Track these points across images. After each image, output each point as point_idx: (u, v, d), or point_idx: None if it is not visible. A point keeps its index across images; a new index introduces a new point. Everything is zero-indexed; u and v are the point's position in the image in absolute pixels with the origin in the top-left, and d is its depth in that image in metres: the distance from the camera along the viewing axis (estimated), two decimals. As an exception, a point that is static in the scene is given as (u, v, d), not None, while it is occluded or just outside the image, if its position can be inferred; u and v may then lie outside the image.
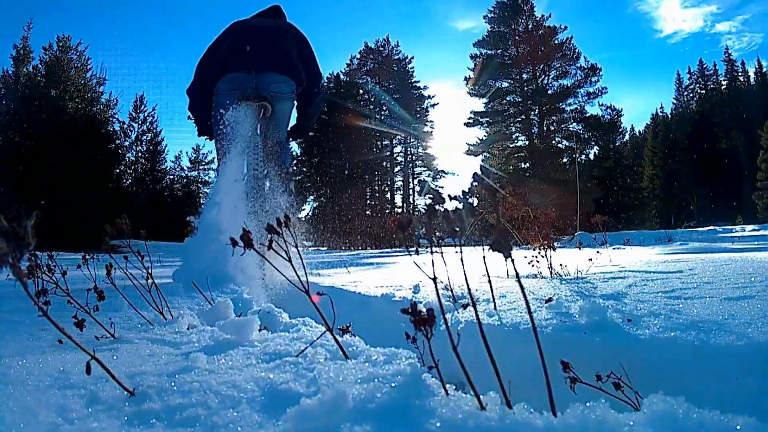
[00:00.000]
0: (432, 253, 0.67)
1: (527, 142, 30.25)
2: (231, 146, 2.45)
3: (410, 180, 36.04)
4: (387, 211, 35.04)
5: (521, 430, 0.53)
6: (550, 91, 29.87)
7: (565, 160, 29.09)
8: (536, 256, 2.13)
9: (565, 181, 24.25)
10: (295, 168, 34.12)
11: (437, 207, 0.65)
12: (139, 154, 26.93)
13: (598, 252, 2.38)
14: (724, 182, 35.17)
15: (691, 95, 40.71)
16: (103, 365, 0.70)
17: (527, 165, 29.54)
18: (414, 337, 0.74)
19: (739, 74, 39.27)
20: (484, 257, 0.94)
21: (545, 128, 30.12)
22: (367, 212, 34.69)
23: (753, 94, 37.29)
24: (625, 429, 0.51)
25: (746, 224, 17.99)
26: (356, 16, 76.90)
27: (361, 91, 35.25)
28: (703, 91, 39.85)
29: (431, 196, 0.66)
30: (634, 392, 0.76)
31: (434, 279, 0.68)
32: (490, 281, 1.01)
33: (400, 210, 35.54)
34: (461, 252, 0.70)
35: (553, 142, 29.94)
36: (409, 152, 36.20)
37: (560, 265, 2.14)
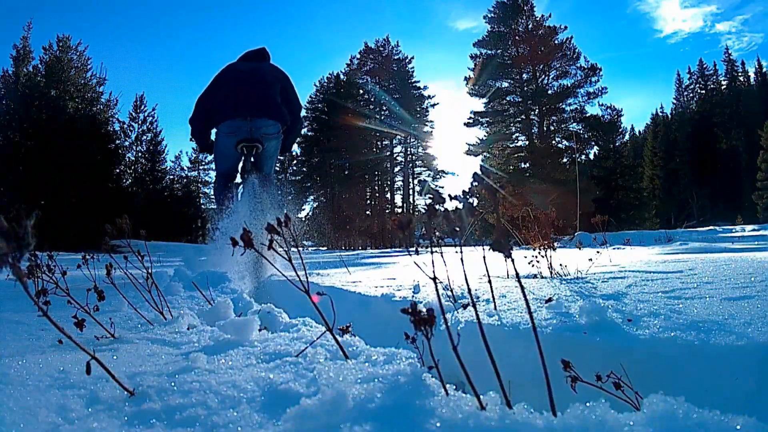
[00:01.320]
0: (432, 253, 0.67)
1: (527, 142, 30.24)
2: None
3: (410, 180, 36.05)
4: (387, 211, 35.04)
5: (521, 430, 0.53)
6: (550, 91, 29.87)
7: (565, 160, 29.08)
8: (536, 256, 2.13)
9: (565, 181, 24.26)
10: (294, 168, 34.21)
11: (437, 207, 0.65)
12: (139, 154, 26.90)
13: (598, 252, 2.38)
14: (724, 182, 35.18)
15: (691, 95, 40.73)
16: (103, 365, 0.70)
17: (527, 165, 29.53)
18: (414, 338, 0.74)
19: (739, 74, 39.28)
20: (484, 257, 0.94)
21: (545, 128, 30.11)
22: (367, 212, 34.70)
23: (753, 94, 37.30)
24: (625, 429, 0.51)
25: (746, 224, 17.98)
26: (356, 16, 76.89)
27: (361, 91, 35.25)
28: (703, 91, 39.86)
29: (431, 196, 0.66)
30: (634, 392, 0.76)
31: (434, 279, 0.68)
32: (490, 281, 1.01)
33: (400, 210, 35.53)
34: (461, 252, 0.70)
35: (553, 142, 29.93)
36: (409, 152, 36.20)
37: (560, 265, 2.14)
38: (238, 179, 3.48)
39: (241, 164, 3.40)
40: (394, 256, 7.44)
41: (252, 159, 3.25)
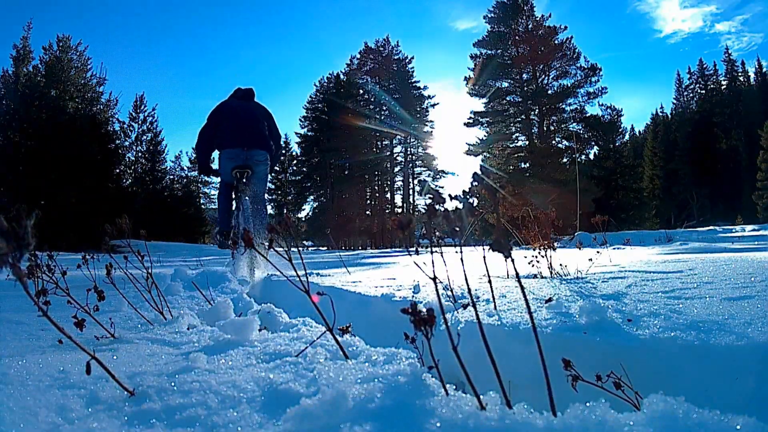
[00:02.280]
0: (432, 253, 0.67)
1: (527, 142, 30.23)
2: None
3: (410, 180, 36.04)
4: (387, 211, 35.03)
5: (521, 430, 0.53)
6: (550, 91, 29.86)
7: (565, 160, 29.07)
8: (536, 256, 2.13)
9: (565, 181, 24.26)
10: (294, 168, 34.22)
11: (437, 207, 0.65)
12: (139, 154, 26.91)
13: (598, 252, 2.38)
14: (724, 182, 35.19)
15: (691, 95, 40.72)
16: (103, 365, 0.70)
17: (527, 165, 29.52)
18: (414, 338, 0.74)
19: (739, 74, 39.27)
20: (484, 257, 0.94)
21: (545, 128, 30.10)
22: (367, 212, 34.70)
23: (753, 94, 37.28)
24: (625, 429, 0.51)
25: (746, 224, 17.98)
26: (356, 16, 76.80)
27: (361, 91, 35.24)
28: (703, 91, 39.85)
29: (431, 196, 0.66)
30: (634, 392, 0.76)
31: (434, 279, 0.68)
32: (490, 281, 1.01)
33: (400, 210, 35.52)
34: (461, 252, 0.70)
35: (553, 142, 29.93)
36: (409, 152, 36.19)
37: (560, 265, 2.14)
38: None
39: (235, 185, 4.27)
40: (394, 256, 7.43)
41: (244, 180, 4.12)
